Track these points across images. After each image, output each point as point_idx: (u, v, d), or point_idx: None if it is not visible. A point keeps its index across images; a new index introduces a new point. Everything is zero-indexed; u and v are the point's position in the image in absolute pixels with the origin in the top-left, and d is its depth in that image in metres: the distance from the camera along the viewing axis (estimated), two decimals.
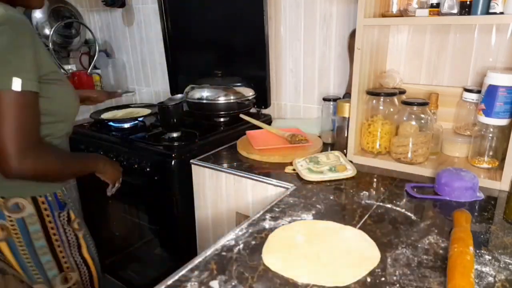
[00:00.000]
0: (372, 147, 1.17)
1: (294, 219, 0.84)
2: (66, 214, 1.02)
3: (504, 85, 0.96)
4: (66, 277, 1.04)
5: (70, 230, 1.03)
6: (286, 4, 1.48)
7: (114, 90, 1.57)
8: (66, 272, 1.04)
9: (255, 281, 0.63)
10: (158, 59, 1.99)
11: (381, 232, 0.78)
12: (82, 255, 1.07)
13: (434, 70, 1.22)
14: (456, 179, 0.91)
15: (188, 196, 1.29)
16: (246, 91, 1.53)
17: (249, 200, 1.14)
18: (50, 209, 0.98)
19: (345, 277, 0.64)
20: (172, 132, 1.36)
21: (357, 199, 0.93)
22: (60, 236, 1.01)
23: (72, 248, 1.05)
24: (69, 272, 1.04)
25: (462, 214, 0.77)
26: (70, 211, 1.03)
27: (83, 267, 1.08)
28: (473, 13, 0.93)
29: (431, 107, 1.16)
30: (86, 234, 1.09)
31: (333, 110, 1.32)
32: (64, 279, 1.04)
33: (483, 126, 1.03)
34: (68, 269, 1.04)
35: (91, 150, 1.49)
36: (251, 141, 1.31)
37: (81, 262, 1.08)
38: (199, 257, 0.70)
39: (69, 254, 1.04)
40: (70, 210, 1.03)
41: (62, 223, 1.01)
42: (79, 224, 1.06)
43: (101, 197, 1.60)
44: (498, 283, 0.62)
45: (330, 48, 1.42)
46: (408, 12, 1.06)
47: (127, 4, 1.97)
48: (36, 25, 1.79)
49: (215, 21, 1.63)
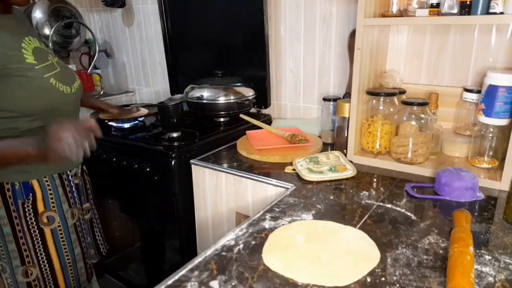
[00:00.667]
0: (372, 147, 1.17)
1: (294, 219, 0.84)
2: (31, 206, 1.00)
3: (504, 85, 0.96)
4: (27, 271, 1.04)
5: (34, 223, 1.01)
6: (286, 4, 1.48)
7: (129, 108, 1.57)
8: (28, 266, 1.04)
9: (255, 281, 0.63)
10: (158, 59, 1.99)
11: (381, 232, 0.78)
12: (47, 249, 1.05)
13: (434, 70, 1.22)
14: (456, 179, 0.91)
15: (188, 196, 1.29)
16: (246, 91, 1.53)
17: (249, 200, 1.14)
18: (13, 197, 0.98)
19: (345, 277, 0.64)
20: (172, 132, 1.36)
21: (357, 199, 0.93)
22: (22, 226, 1.00)
23: (35, 241, 1.03)
24: (30, 267, 1.04)
25: (462, 214, 0.78)
26: (37, 203, 1.00)
27: (45, 263, 1.06)
28: (473, 13, 0.93)
29: (431, 107, 1.16)
30: (59, 227, 1.05)
31: (333, 110, 1.32)
32: (25, 273, 1.04)
33: (483, 126, 1.03)
34: (29, 263, 1.04)
35: (91, 150, 1.49)
36: (251, 141, 1.31)
37: (43, 258, 1.05)
38: (199, 257, 0.70)
39: (31, 247, 1.03)
40: (39, 202, 1.00)
41: (25, 214, 1.00)
42: (49, 218, 1.03)
43: (101, 197, 1.60)
44: (498, 283, 0.62)
45: (330, 48, 1.42)
46: (408, 12, 1.06)
47: (127, 4, 1.97)
48: (36, 25, 1.79)
49: (215, 21, 1.63)
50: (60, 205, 1.06)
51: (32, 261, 1.04)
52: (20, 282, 1.04)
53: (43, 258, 1.05)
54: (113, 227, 1.61)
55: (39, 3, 1.80)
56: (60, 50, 1.95)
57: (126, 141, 1.39)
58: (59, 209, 1.05)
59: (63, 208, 1.06)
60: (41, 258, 1.05)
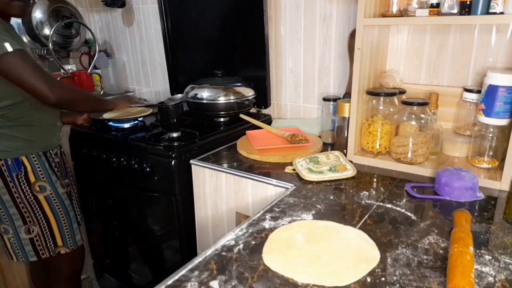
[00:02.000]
0: (372, 147, 1.17)
1: (294, 219, 0.84)
2: (24, 177, 1.25)
3: (504, 85, 0.96)
4: (30, 228, 1.30)
5: (29, 191, 1.26)
6: (286, 4, 1.48)
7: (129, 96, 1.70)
8: (29, 225, 1.29)
9: (255, 281, 0.63)
10: (158, 59, 2.00)
11: (381, 232, 0.78)
12: (44, 212, 1.30)
13: (434, 70, 1.22)
14: (456, 179, 0.91)
15: (188, 196, 1.29)
16: (246, 91, 1.53)
17: (249, 200, 1.14)
18: (8, 171, 1.22)
19: (345, 277, 0.64)
20: (172, 132, 1.36)
21: (357, 199, 0.93)
22: (19, 194, 1.25)
23: (33, 205, 1.28)
24: (31, 226, 1.29)
25: (462, 214, 0.77)
26: (29, 175, 1.25)
27: (43, 222, 1.31)
28: (473, 13, 0.93)
29: (431, 107, 1.16)
30: (52, 194, 1.31)
31: (333, 110, 1.32)
32: (27, 230, 1.30)
33: (483, 126, 1.03)
34: (30, 222, 1.29)
35: (91, 150, 1.49)
36: (251, 141, 1.31)
37: (42, 218, 1.30)
38: (199, 257, 0.70)
39: (30, 210, 1.28)
40: (30, 174, 1.25)
41: (20, 183, 1.24)
42: (40, 187, 1.28)
43: (101, 197, 1.60)
44: (498, 283, 0.62)
45: (330, 48, 1.42)
46: (408, 12, 1.06)
47: (127, 4, 1.97)
48: (36, 25, 1.79)
49: (215, 21, 1.63)
50: (49, 176, 1.30)
51: (33, 220, 1.29)
52: (24, 239, 1.30)
53: (41, 218, 1.30)
54: (113, 227, 1.61)
55: (39, 3, 1.80)
56: (60, 50, 1.95)
57: (126, 141, 1.39)
58: (48, 179, 1.30)
59: (52, 179, 1.31)
60: (40, 218, 1.30)
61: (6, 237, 1.30)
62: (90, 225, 1.74)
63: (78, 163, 1.64)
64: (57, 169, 1.35)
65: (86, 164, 1.59)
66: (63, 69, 1.91)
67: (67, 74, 1.91)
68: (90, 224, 1.73)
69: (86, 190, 1.66)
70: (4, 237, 1.30)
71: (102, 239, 1.73)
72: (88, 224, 1.72)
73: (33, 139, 1.26)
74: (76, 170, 1.65)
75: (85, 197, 1.65)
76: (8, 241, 1.30)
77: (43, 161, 1.29)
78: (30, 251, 1.32)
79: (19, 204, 1.25)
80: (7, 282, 1.68)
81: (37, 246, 1.32)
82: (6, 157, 1.21)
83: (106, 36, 2.20)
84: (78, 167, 1.65)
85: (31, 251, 1.32)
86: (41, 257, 1.33)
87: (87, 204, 1.65)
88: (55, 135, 1.37)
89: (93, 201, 1.65)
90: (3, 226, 1.28)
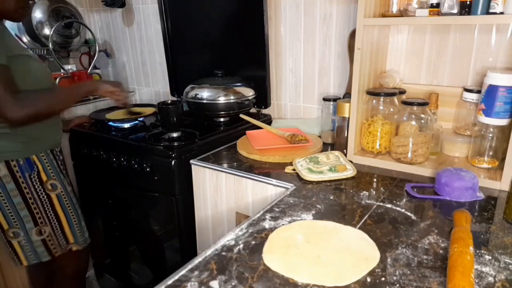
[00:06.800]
0: (372, 147, 1.17)
1: (294, 219, 0.84)
2: (36, 176, 1.24)
3: (504, 85, 0.95)
4: (41, 230, 1.28)
5: (42, 190, 1.26)
6: (286, 4, 1.48)
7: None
8: (41, 226, 1.28)
9: (255, 281, 0.63)
10: (158, 59, 1.99)
11: (381, 232, 0.78)
12: (56, 211, 1.30)
13: (434, 70, 1.22)
14: (456, 179, 0.91)
15: (188, 196, 1.29)
16: (246, 91, 1.53)
17: (249, 200, 1.14)
18: (21, 171, 1.21)
19: (345, 277, 0.64)
20: (172, 132, 1.36)
21: (357, 199, 0.93)
22: (32, 194, 1.24)
23: (45, 205, 1.27)
24: (43, 227, 1.28)
25: (462, 214, 0.77)
26: (41, 174, 1.25)
27: (55, 221, 1.31)
28: (473, 13, 0.93)
29: (431, 107, 1.16)
30: (62, 192, 1.31)
31: (333, 110, 1.32)
32: (39, 232, 1.28)
33: (483, 126, 1.03)
34: (42, 223, 1.28)
35: (91, 150, 1.49)
36: (251, 141, 1.31)
37: (53, 217, 1.30)
38: (199, 257, 0.70)
39: (42, 210, 1.27)
40: (42, 173, 1.25)
41: (33, 183, 1.24)
42: (52, 185, 1.28)
43: (101, 197, 1.60)
44: (498, 283, 0.62)
45: (330, 48, 1.42)
46: (408, 12, 1.06)
47: (127, 4, 1.97)
48: (36, 25, 1.79)
49: (215, 21, 1.63)
50: (58, 174, 1.31)
51: (44, 221, 1.28)
52: (35, 240, 1.28)
53: (53, 218, 1.30)
54: (113, 227, 1.61)
55: (39, 3, 1.80)
56: (60, 50, 1.95)
57: (126, 141, 1.39)
58: (58, 177, 1.30)
59: (61, 177, 1.32)
60: (51, 218, 1.30)
61: (16, 241, 1.26)
62: (90, 225, 1.73)
63: (78, 163, 1.64)
64: (63, 167, 1.37)
65: (86, 164, 1.59)
66: (63, 69, 1.91)
67: (67, 74, 1.91)
68: (90, 224, 1.72)
69: (86, 190, 1.66)
70: (13, 242, 1.27)
71: (102, 239, 1.73)
72: (88, 224, 1.71)
73: (40, 137, 1.26)
74: (76, 170, 1.65)
75: (85, 197, 1.65)
76: (19, 244, 1.27)
77: (51, 159, 1.29)
78: (43, 251, 1.31)
79: (31, 205, 1.24)
80: (7, 283, 1.68)
81: (50, 245, 1.31)
82: (18, 157, 1.20)
83: (106, 36, 2.20)
84: (78, 167, 1.65)
85: (44, 251, 1.31)
86: (54, 255, 1.33)
87: (87, 204, 1.65)
88: (58, 133, 1.37)
89: (93, 201, 1.65)
90: (12, 230, 1.25)
